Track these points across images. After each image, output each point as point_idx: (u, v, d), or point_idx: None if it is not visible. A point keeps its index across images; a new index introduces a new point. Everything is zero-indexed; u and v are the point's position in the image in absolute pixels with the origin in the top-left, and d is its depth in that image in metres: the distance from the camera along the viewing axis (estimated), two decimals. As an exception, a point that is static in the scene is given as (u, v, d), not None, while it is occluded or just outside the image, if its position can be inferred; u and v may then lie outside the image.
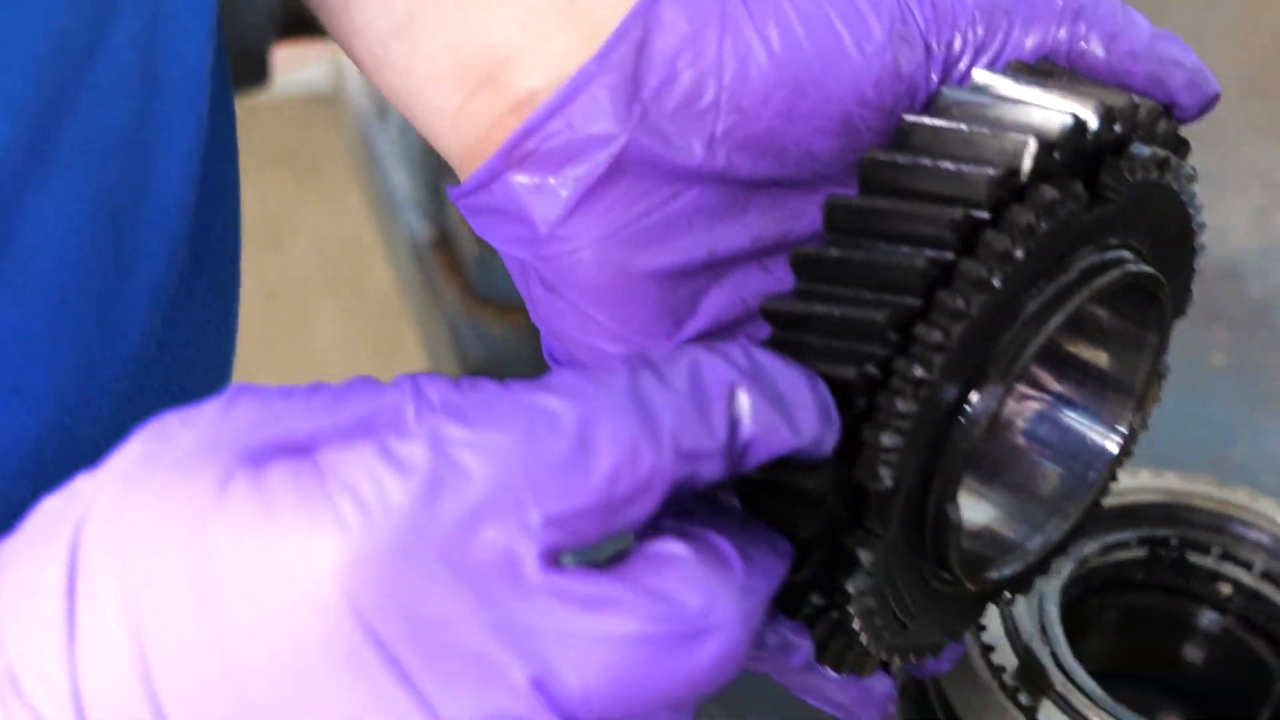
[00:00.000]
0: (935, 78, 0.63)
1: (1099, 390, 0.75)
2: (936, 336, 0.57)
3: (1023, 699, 0.85)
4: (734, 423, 0.50)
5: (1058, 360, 0.75)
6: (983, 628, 0.88)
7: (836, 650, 0.66)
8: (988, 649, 0.88)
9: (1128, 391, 0.74)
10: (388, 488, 0.46)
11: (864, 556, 0.61)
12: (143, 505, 0.47)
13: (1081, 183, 0.61)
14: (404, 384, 0.50)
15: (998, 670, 0.87)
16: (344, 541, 0.45)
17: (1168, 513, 0.98)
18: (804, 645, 0.64)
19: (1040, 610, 0.91)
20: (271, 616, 0.45)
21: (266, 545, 0.46)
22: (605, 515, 0.48)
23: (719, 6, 0.60)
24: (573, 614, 0.47)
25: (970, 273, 0.58)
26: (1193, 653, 0.99)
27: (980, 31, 0.63)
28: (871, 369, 0.58)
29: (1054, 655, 0.88)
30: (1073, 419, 0.75)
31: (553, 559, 0.47)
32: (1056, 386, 0.76)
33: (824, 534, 0.60)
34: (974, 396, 0.61)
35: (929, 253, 0.58)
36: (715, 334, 0.64)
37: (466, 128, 0.62)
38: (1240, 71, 1.75)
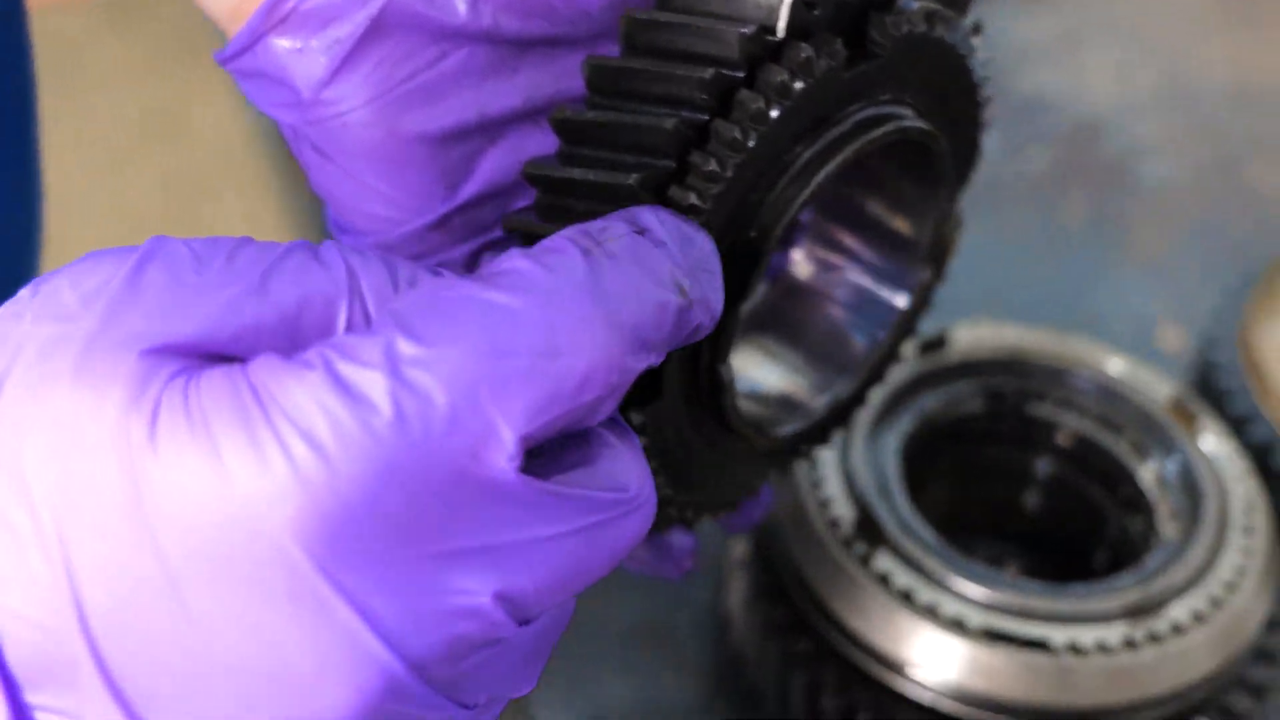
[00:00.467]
0: None
1: (888, 248, 0.76)
2: (692, 199, 0.58)
3: (858, 549, 0.87)
4: (680, 310, 0.52)
5: (848, 220, 0.76)
6: (820, 482, 0.90)
7: None
8: (825, 503, 0.90)
9: (915, 248, 0.75)
10: (345, 425, 0.44)
11: (635, 418, 0.62)
12: (53, 419, 0.45)
13: (848, 39, 0.61)
14: (336, 265, 0.48)
15: (834, 523, 0.89)
16: (300, 489, 0.44)
17: (1007, 364, 1.00)
18: None
19: (880, 465, 0.93)
20: (219, 560, 0.44)
21: (211, 486, 0.44)
22: (574, 420, 0.49)
23: None
24: (544, 518, 0.48)
25: (723, 134, 0.58)
26: (1031, 500, 1.02)
27: None
28: None
29: (891, 507, 0.90)
30: (863, 278, 0.77)
31: (522, 467, 0.47)
32: (848, 247, 0.77)
33: None
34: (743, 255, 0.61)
35: (684, 113, 0.58)
36: (493, 197, 0.64)
37: None
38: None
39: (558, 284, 0.49)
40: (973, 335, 1.00)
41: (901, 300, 0.76)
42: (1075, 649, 0.83)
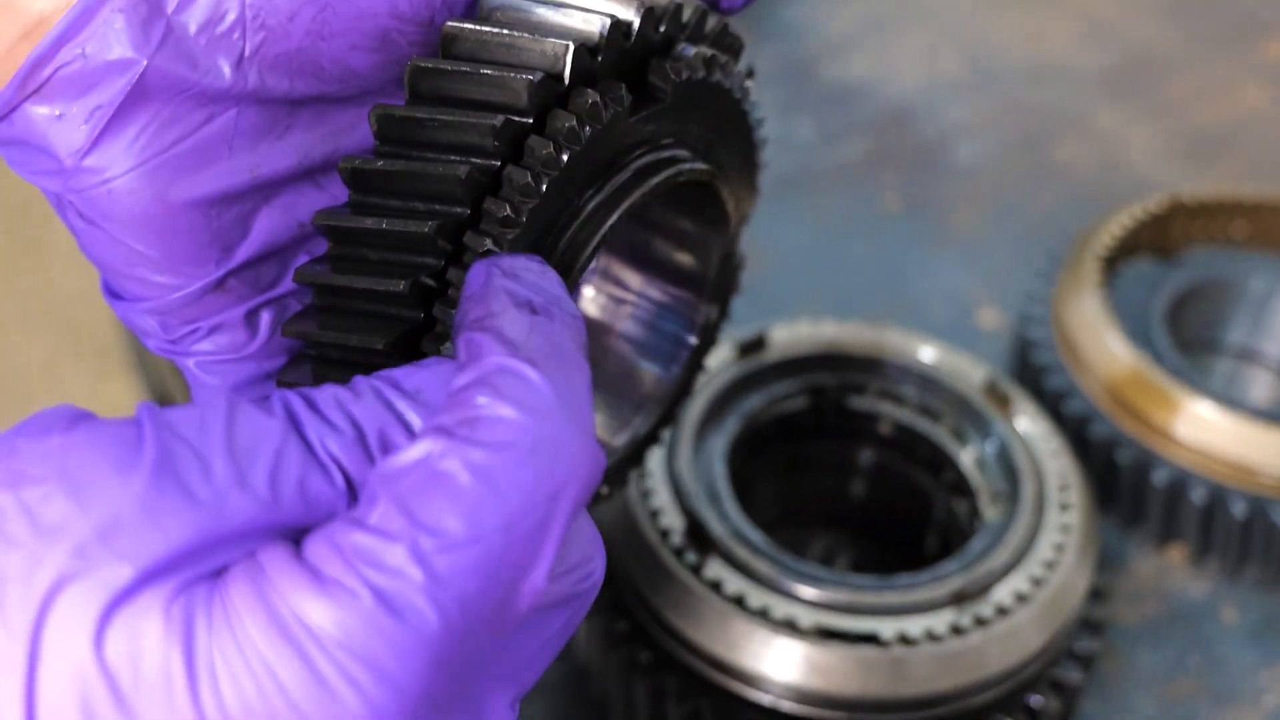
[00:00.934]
0: None
1: (676, 287, 0.78)
2: (488, 244, 0.58)
3: (689, 558, 0.88)
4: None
5: (636, 259, 0.77)
6: (649, 493, 0.91)
7: None
8: (655, 513, 0.90)
9: (702, 284, 0.77)
10: (399, 641, 0.47)
11: None
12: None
13: (628, 84, 0.62)
14: (319, 442, 0.51)
15: (665, 533, 0.89)
16: (371, 714, 0.48)
17: (825, 360, 1.01)
18: None
19: (708, 471, 0.94)
20: None
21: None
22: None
23: None
24: (552, 619, 0.54)
25: (516, 179, 0.58)
26: (860, 490, 1.04)
27: None
28: (425, 280, 0.58)
29: (720, 514, 0.91)
30: (654, 316, 0.78)
31: None
32: (637, 285, 0.78)
33: None
34: None
35: (475, 160, 0.58)
36: (269, 256, 0.63)
37: None
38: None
39: (540, 423, 0.51)
40: (791, 334, 1.02)
41: (691, 336, 0.77)
42: (905, 639, 0.85)
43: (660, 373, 0.77)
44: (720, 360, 0.99)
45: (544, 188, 0.59)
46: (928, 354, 1.00)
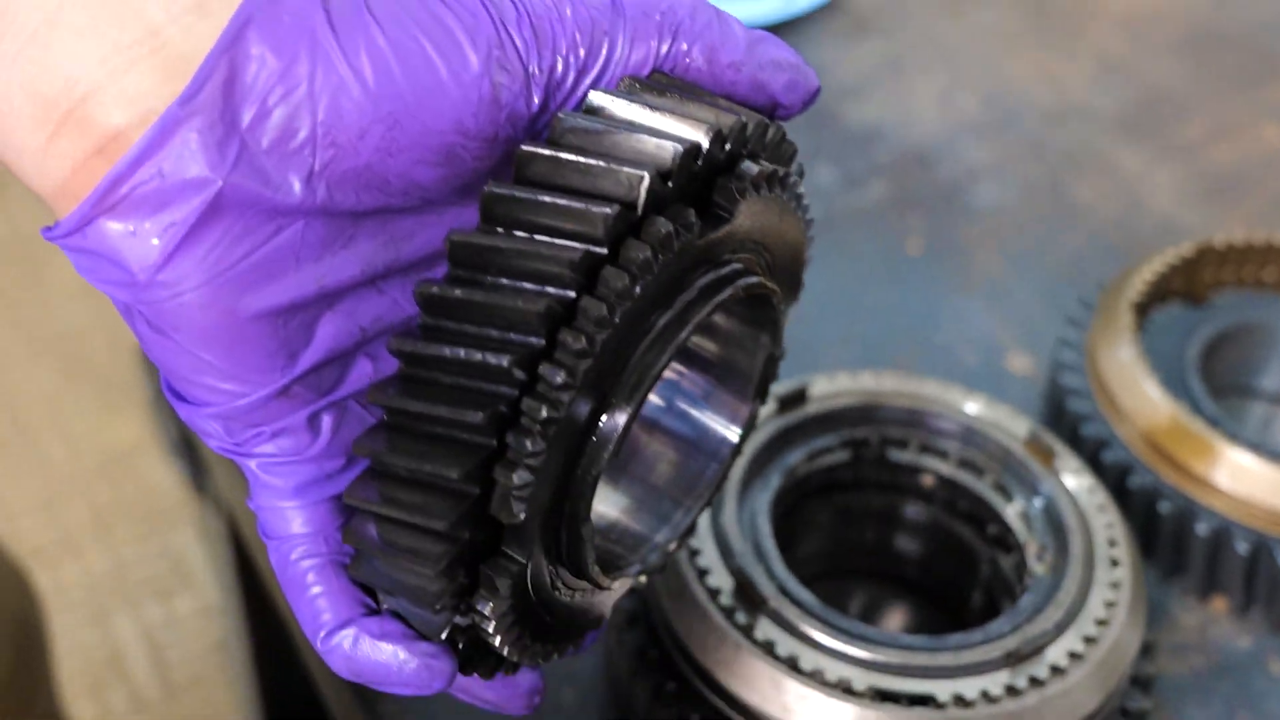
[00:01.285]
0: (537, 101, 0.63)
1: (719, 386, 0.78)
2: (562, 377, 0.58)
3: (739, 618, 0.88)
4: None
5: (683, 358, 0.78)
6: (696, 551, 0.91)
7: (481, 664, 0.68)
8: (703, 572, 0.90)
9: (745, 385, 0.78)
10: None
11: (501, 584, 0.62)
12: None
13: (695, 202, 0.63)
14: None
15: (714, 593, 0.89)
16: None
17: (865, 413, 1.01)
18: (448, 666, 0.65)
19: (753, 527, 0.93)
20: None
21: None
22: None
23: (308, 39, 0.58)
24: None
25: (592, 311, 0.59)
26: (905, 544, 1.03)
27: (582, 53, 0.63)
28: (500, 409, 0.58)
29: (768, 571, 0.90)
30: (696, 414, 0.79)
31: None
32: (683, 384, 0.79)
33: (460, 563, 0.61)
34: (603, 419, 0.62)
35: (551, 291, 0.59)
36: (332, 362, 0.63)
37: (53, 168, 0.58)
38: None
39: None
40: (830, 386, 1.01)
41: (732, 434, 0.78)
42: (961, 701, 0.84)
43: (703, 468, 0.78)
44: (761, 414, 0.98)
45: (617, 318, 0.59)
46: (968, 406, 1.00)
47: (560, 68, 0.63)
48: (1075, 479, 0.96)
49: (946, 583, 1.02)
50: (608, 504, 0.77)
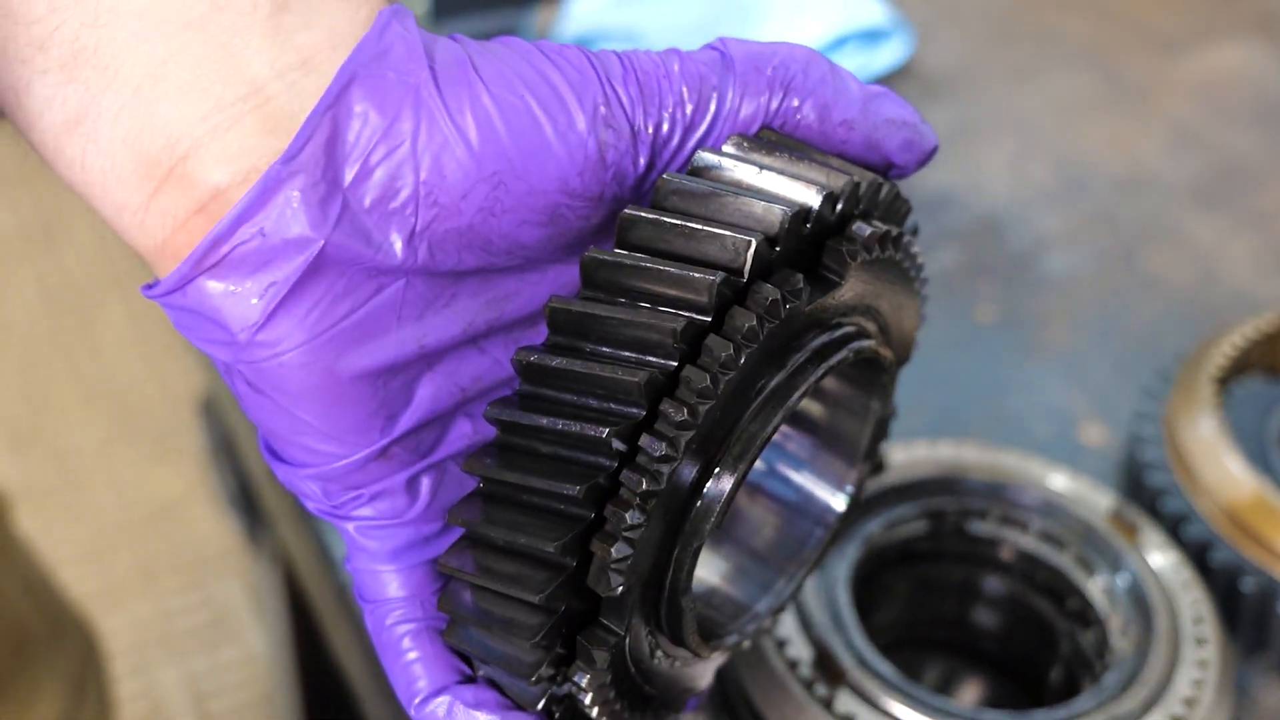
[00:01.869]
0: (644, 161, 0.61)
1: (824, 449, 0.76)
2: (663, 449, 0.57)
3: (819, 690, 0.87)
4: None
5: (787, 421, 0.76)
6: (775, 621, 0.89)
7: None
8: (782, 643, 0.89)
9: (853, 451, 0.75)
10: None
11: (599, 656, 0.60)
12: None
13: (805, 265, 0.60)
14: None
15: (793, 664, 0.88)
16: None
17: (944, 484, 1.00)
18: None
19: (831, 597, 0.92)
20: None
21: None
22: None
23: (412, 96, 0.57)
24: None
25: (694, 382, 0.57)
26: (983, 617, 1.02)
27: (689, 110, 0.61)
28: (599, 481, 0.57)
29: (846, 642, 0.89)
30: (801, 479, 0.76)
31: None
32: (790, 450, 0.77)
33: (557, 635, 0.60)
34: (707, 487, 0.60)
35: (653, 360, 0.57)
36: (431, 423, 0.62)
37: (153, 225, 0.57)
38: (991, 17, 1.79)
39: None
40: (909, 455, 1.00)
41: (839, 501, 0.76)
42: (1047, 780, 0.83)
43: (807, 535, 0.76)
44: (839, 483, 0.97)
45: (720, 388, 0.57)
46: (1049, 479, 0.99)
47: (667, 125, 0.61)
48: (1160, 555, 0.95)
49: (1023, 657, 1.01)
50: (708, 569, 0.76)
